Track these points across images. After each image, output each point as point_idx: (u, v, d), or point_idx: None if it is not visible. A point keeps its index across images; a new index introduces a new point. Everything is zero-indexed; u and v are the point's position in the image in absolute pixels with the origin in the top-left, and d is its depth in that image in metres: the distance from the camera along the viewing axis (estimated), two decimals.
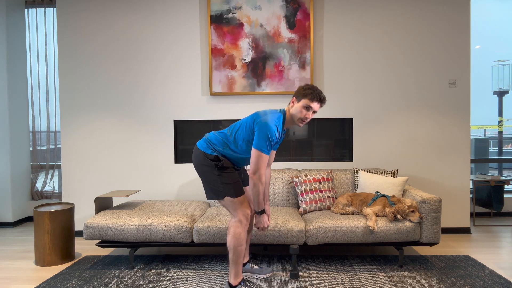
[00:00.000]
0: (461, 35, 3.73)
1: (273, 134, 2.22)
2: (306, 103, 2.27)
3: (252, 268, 2.70)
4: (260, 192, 2.26)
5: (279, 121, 2.28)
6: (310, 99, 2.26)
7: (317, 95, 2.26)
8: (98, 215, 2.97)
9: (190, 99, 3.80)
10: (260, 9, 3.71)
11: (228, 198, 2.33)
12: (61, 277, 2.76)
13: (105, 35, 3.82)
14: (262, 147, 2.21)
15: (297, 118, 2.31)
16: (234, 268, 2.37)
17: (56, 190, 4.65)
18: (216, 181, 2.33)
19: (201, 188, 3.81)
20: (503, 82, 5.51)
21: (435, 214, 2.80)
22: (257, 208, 2.34)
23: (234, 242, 2.32)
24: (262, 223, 2.39)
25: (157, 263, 3.05)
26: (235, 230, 2.32)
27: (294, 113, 2.32)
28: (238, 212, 2.34)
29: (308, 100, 2.26)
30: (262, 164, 2.22)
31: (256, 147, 2.22)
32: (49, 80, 4.58)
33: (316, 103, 2.28)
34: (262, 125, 2.22)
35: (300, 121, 2.31)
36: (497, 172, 5.54)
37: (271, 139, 2.21)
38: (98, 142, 3.84)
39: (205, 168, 2.35)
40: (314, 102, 2.27)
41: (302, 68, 3.72)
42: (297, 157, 3.90)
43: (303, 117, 2.29)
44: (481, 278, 2.64)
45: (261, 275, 2.67)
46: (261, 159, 2.22)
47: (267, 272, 2.69)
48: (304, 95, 2.28)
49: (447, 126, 3.77)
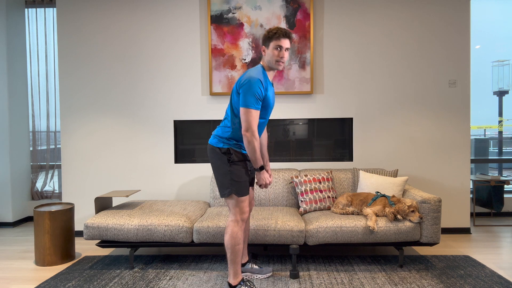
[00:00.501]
0: (461, 35, 3.73)
1: (257, 85, 2.19)
2: (275, 44, 2.26)
3: (252, 268, 2.70)
4: (256, 148, 2.23)
5: (260, 72, 2.28)
6: (276, 38, 2.26)
7: (281, 31, 2.26)
8: (98, 215, 2.97)
9: (190, 99, 3.81)
10: (260, 9, 3.71)
11: (234, 196, 2.34)
12: (61, 277, 2.76)
13: (105, 35, 3.82)
14: (248, 103, 2.19)
15: (273, 61, 2.29)
16: (232, 268, 2.38)
17: (56, 190, 4.65)
18: (227, 177, 2.33)
19: (201, 188, 3.81)
20: (503, 82, 5.51)
21: (435, 214, 2.80)
22: (255, 165, 2.29)
23: (231, 242, 2.33)
24: (263, 180, 2.34)
25: (157, 263, 3.05)
26: (232, 230, 2.34)
27: (269, 59, 2.30)
28: (237, 211, 2.35)
29: (275, 40, 2.26)
30: (253, 120, 2.21)
31: (242, 105, 2.21)
32: (49, 80, 4.58)
33: (284, 39, 2.27)
34: (245, 83, 2.21)
35: (277, 63, 2.29)
36: (497, 172, 5.54)
37: (256, 92, 2.19)
38: (98, 142, 3.85)
39: (218, 162, 2.35)
40: (281, 39, 2.26)
41: (302, 68, 3.72)
42: (297, 157, 3.90)
43: (278, 57, 2.28)
44: (481, 278, 2.64)
45: (261, 275, 2.67)
46: (250, 115, 2.20)
47: (267, 272, 2.69)
48: (269, 38, 2.29)
49: (447, 126, 3.77)
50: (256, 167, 2.30)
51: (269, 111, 2.39)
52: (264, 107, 2.32)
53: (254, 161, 2.27)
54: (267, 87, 2.29)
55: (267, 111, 2.37)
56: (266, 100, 2.30)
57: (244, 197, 2.35)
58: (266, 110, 2.35)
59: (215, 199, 3.48)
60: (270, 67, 2.34)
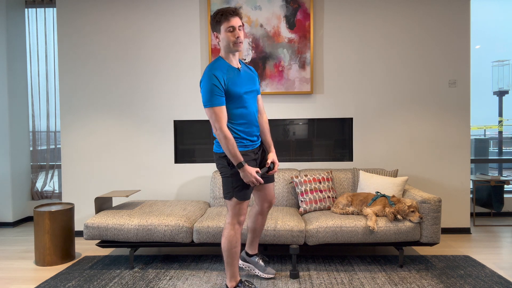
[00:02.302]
0: (461, 35, 3.73)
1: (210, 81, 2.10)
2: (226, 26, 2.12)
3: (258, 262, 2.67)
4: (229, 146, 2.13)
5: (216, 66, 2.17)
6: (225, 20, 2.12)
7: (227, 11, 2.11)
8: (98, 215, 2.97)
9: (190, 99, 3.81)
10: (260, 9, 3.71)
11: (234, 199, 2.29)
12: (61, 277, 2.76)
13: (105, 35, 3.82)
14: (207, 102, 2.11)
15: (231, 45, 2.16)
16: (229, 271, 2.35)
17: (56, 190, 4.65)
18: (228, 180, 2.29)
19: (201, 188, 3.81)
20: (503, 82, 5.51)
21: (435, 214, 2.80)
22: (233, 162, 2.18)
23: (227, 245, 2.30)
24: (247, 178, 2.19)
25: (157, 263, 3.05)
26: (229, 232, 2.30)
27: (225, 44, 2.17)
28: (234, 214, 2.31)
29: (225, 23, 2.12)
30: (217, 117, 2.11)
31: (204, 105, 2.14)
32: (49, 80, 4.58)
33: (233, 18, 2.12)
34: (200, 83, 2.16)
35: (235, 45, 2.16)
36: (497, 172, 5.54)
37: (211, 89, 2.10)
38: (98, 142, 3.85)
39: (219, 166, 2.32)
40: (230, 19, 2.12)
41: (302, 68, 3.72)
42: (297, 157, 3.90)
43: (234, 39, 2.14)
44: (481, 278, 2.64)
45: (261, 273, 2.65)
46: (214, 114, 2.11)
47: (268, 273, 2.66)
48: (218, 22, 2.15)
49: (447, 126, 3.77)
50: (234, 164, 2.18)
51: (245, 98, 2.24)
52: (234, 96, 2.19)
53: (231, 158, 2.17)
54: (230, 76, 2.18)
55: (242, 98, 2.23)
56: (231, 90, 2.17)
57: (245, 203, 2.30)
58: (239, 98, 2.21)
59: (215, 199, 3.48)
60: (229, 52, 2.21)
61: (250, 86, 2.30)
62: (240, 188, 2.26)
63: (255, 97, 2.37)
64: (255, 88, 2.34)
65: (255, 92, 2.35)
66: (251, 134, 2.33)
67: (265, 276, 2.66)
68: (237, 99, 2.22)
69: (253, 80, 2.34)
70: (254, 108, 2.35)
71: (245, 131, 2.29)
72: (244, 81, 2.27)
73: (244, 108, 2.26)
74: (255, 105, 2.37)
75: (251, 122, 2.31)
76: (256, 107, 2.37)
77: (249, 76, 2.33)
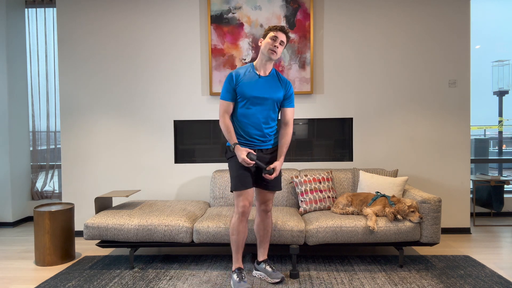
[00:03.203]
0: (461, 35, 3.73)
1: (227, 79, 2.50)
2: (271, 35, 2.47)
3: (265, 268, 2.67)
4: (224, 129, 2.50)
5: (242, 67, 2.56)
6: (273, 31, 2.49)
7: (278, 26, 2.51)
8: (98, 215, 2.97)
9: (190, 99, 3.81)
10: (260, 9, 3.71)
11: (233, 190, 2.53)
12: (61, 277, 2.76)
13: (105, 35, 3.82)
14: (221, 94, 2.53)
15: (266, 50, 2.47)
16: (233, 256, 2.61)
17: (56, 190, 4.65)
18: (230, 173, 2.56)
19: (201, 188, 3.81)
20: (503, 82, 5.51)
21: (435, 214, 2.80)
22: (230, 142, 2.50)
23: (230, 232, 2.58)
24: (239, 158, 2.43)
25: (157, 263, 3.05)
26: (232, 221, 2.56)
27: (264, 47, 2.50)
28: (236, 204, 2.53)
29: (272, 33, 2.48)
30: (221, 108, 2.52)
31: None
32: (49, 80, 4.58)
33: (280, 32, 2.48)
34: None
35: (269, 52, 2.47)
36: (497, 172, 5.54)
37: (224, 85, 2.51)
38: (98, 142, 3.85)
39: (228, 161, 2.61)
40: (278, 32, 2.48)
41: (302, 68, 3.72)
42: (297, 157, 3.90)
43: (272, 47, 2.46)
44: (481, 278, 2.64)
45: (269, 278, 2.64)
46: (220, 105, 2.53)
47: (275, 277, 2.61)
48: (268, 30, 2.52)
49: (447, 126, 3.77)
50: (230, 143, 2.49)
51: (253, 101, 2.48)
52: (242, 96, 2.48)
53: (228, 141, 2.52)
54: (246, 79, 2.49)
55: (249, 100, 2.48)
56: (240, 91, 2.47)
57: (238, 192, 2.48)
58: (246, 100, 2.48)
59: (215, 199, 3.48)
60: (263, 55, 2.51)
61: (264, 92, 2.50)
62: (232, 179, 2.51)
63: (270, 104, 2.53)
64: (270, 96, 2.51)
65: (270, 100, 2.52)
66: (249, 134, 2.51)
67: (272, 281, 2.62)
68: (244, 100, 2.48)
69: (273, 89, 2.53)
70: (264, 114, 2.52)
71: (243, 129, 2.51)
72: (259, 87, 2.50)
73: (249, 109, 2.49)
74: (268, 112, 2.53)
75: (253, 124, 2.50)
76: (268, 113, 2.53)
77: (270, 85, 2.54)
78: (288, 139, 2.59)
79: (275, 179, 2.56)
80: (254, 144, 2.52)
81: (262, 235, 2.68)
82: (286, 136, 2.59)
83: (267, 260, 2.72)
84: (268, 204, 2.63)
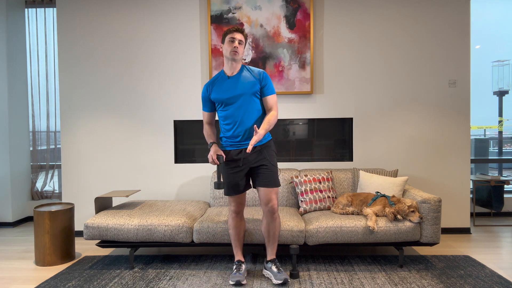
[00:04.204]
0: (461, 35, 3.73)
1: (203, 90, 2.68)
2: (229, 38, 2.55)
3: (272, 268, 2.65)
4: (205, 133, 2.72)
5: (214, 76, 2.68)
6: (229, 32, 2.56)
7: (233, 28, 2.57)
8: (98, 215, 2.97)
9: (190, 99, 3.81)
10: (260, 9, 3.71)
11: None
12: (61, 277, 2.76)
13: (105, 35, 3.82)
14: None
15: (228, 53, 2.55)
16: (233, 249, 2.76)
17: (56, 190, 4.65)
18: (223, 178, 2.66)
19: (201, 188, 3.81)
20: (503, 82, 5.51)
21: (435, 214, 2.80)
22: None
23: (228, 227, 2.79)
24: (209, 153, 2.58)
25: (157, 263, 3.05)
26: (228, 218, 2.77)
27: (225, 51, 2.58)
28: (229, 205, 2.74)
29: (229, 35, 2.56)
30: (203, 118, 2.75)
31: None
32: (49, 80, 4.58)
33: (236, 33, 2.55)
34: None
35: (232, 53, 2.54)
36: (497, 172, 5.54)
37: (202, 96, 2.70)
38: (98, 142, 3.85)
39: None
40: (233, 33, 2.55)
41: (302, 68, 3.72)
42: (297, 157, 3.90)
43: (231, 49, 2.53)
44: (481, 278, 2.64)
45: (274, 279, 2.61)
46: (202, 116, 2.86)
47: (278, 278, 2.58)
48: (224, 35, 2.60)
49: (447, 126, 3.77)
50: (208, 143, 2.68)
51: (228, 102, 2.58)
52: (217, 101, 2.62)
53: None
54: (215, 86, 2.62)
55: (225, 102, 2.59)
56: (213, 97, 2.62)
57: (229, 197, 2.67)
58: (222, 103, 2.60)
59: (215, 199, 3.48)
60: (227, 58, 2.59)
61: (234, 90, 2.58)
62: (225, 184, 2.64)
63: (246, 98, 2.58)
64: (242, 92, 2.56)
65: (244, 95, 2.57)
66: (237, 133, 2.59)
67: (276, 282, 2.59)
68: (221, 104, 2.61)
69: (245, 84, 2.58)
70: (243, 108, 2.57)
71: (229, 130, 2.61)
72: (229, 87, 2.59)
73: (227, 110, 2.60)
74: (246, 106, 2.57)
75: (236, 123, 2.58)
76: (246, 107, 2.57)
77: (241, 81, 2.59)
78: (271, 118, 2.56)
79: (268, 174, 2.57)
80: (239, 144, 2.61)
81: (268, 236, 2.69)
82: (270, 116, 2.57)
83: (275, 260, 2.70)
84: (271, 205, 2.59)
